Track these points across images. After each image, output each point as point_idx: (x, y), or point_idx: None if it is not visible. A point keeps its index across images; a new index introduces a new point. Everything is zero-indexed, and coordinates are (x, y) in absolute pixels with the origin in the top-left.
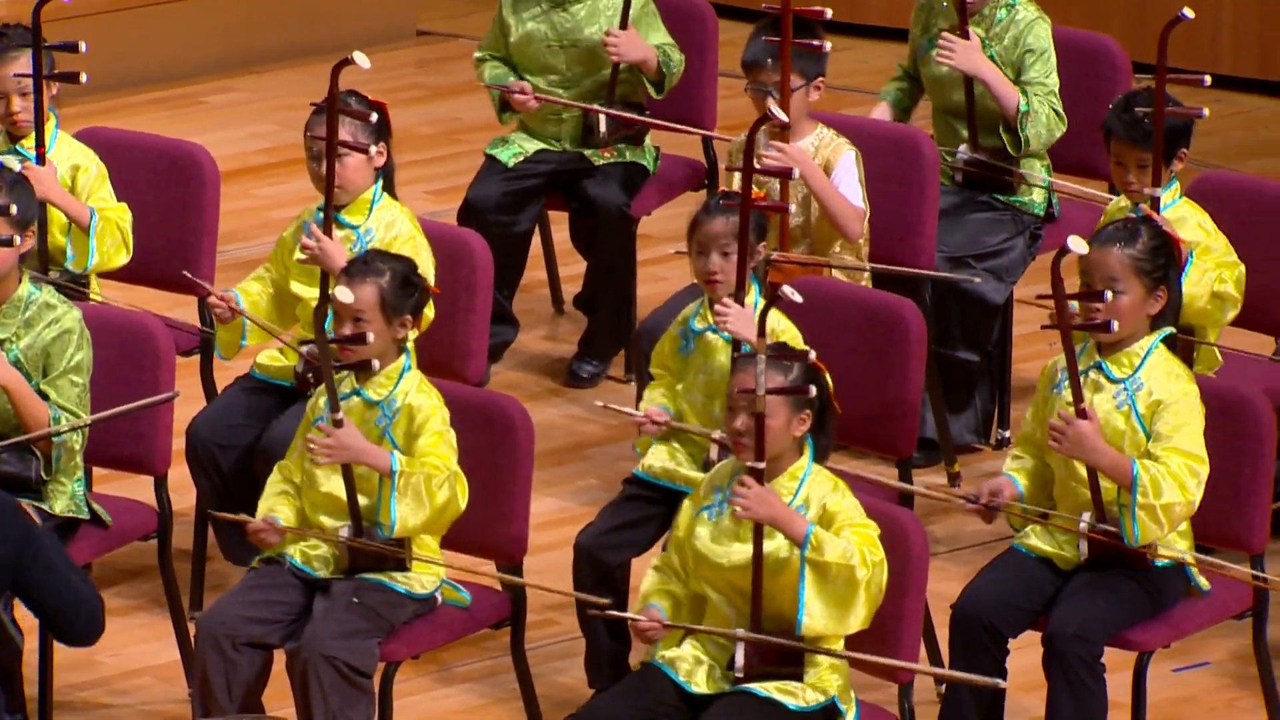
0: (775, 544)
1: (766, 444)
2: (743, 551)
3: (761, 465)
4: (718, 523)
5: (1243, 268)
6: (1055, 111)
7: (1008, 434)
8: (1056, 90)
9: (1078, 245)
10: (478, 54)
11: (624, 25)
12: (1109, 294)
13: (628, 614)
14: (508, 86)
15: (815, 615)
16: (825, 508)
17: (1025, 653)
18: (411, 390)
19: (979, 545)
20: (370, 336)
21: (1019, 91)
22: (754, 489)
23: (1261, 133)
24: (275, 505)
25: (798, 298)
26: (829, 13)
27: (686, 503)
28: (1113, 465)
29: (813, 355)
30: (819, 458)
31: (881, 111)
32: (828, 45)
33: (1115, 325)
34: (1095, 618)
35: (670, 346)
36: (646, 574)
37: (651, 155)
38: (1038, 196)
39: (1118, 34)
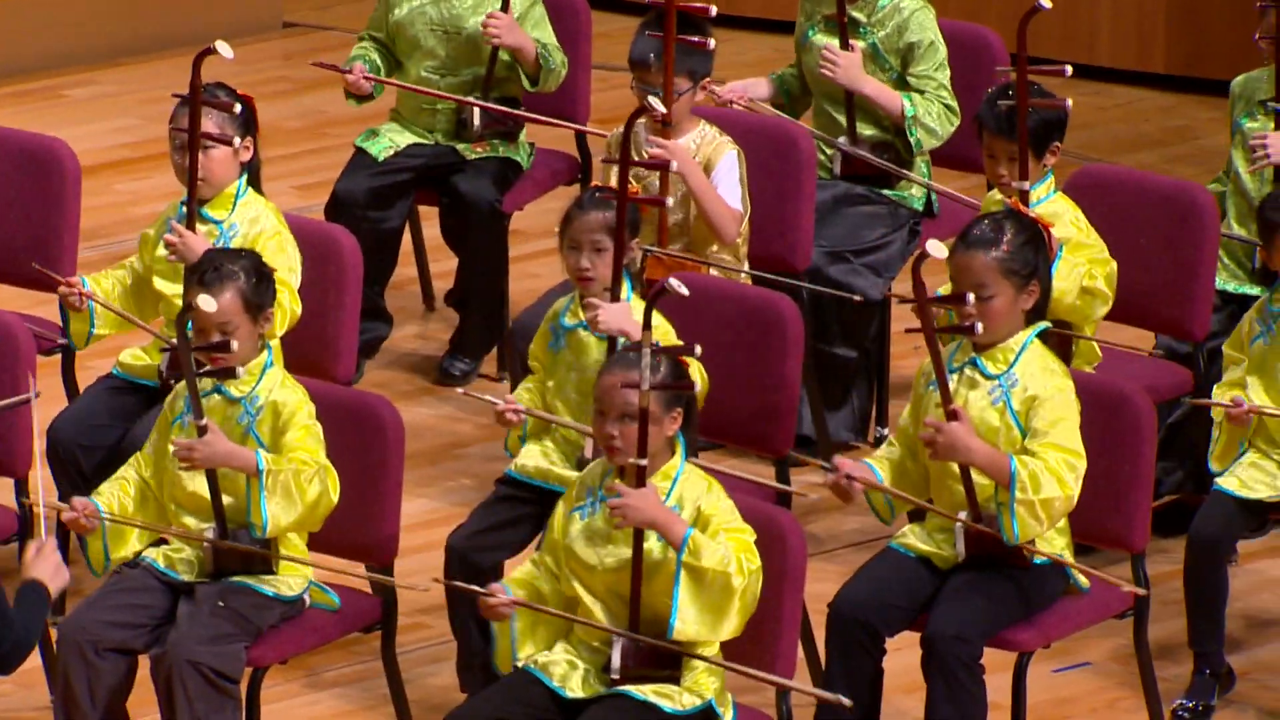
0: (649, 545)
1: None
2: (615, 554)
3: (644, 461)
4: (590, 524)
5: (1114, 264)
6: (946, 107)
7: (886, 431)
8: (947, 83)
9: (936, 250)
10: (361, 34)
11: (505, 9)
12: (971, 297)
13: (476, 588)
14: (337, 68)
15: (688, 621)
16: (700, 510)
17: (904, 653)
18: (275, 387)
19: (856, 544)
20: (235, 345)
21: (902, 96)
22: (632, 491)
23: (1140, 125)
24: (104, 490)
25: (684, 290)
26: (714, 9)
27: (561, 504)
28: (989, 463)
29: (699, 350)
30: (689, 454)
31: (758, 86)
32: (712, 43)
33: (980, 327)
34: (974, 618)
35: (541, 336)
36: (523, 564)
37: (526, 151)
38: (917, 191)
39: (995, 25)
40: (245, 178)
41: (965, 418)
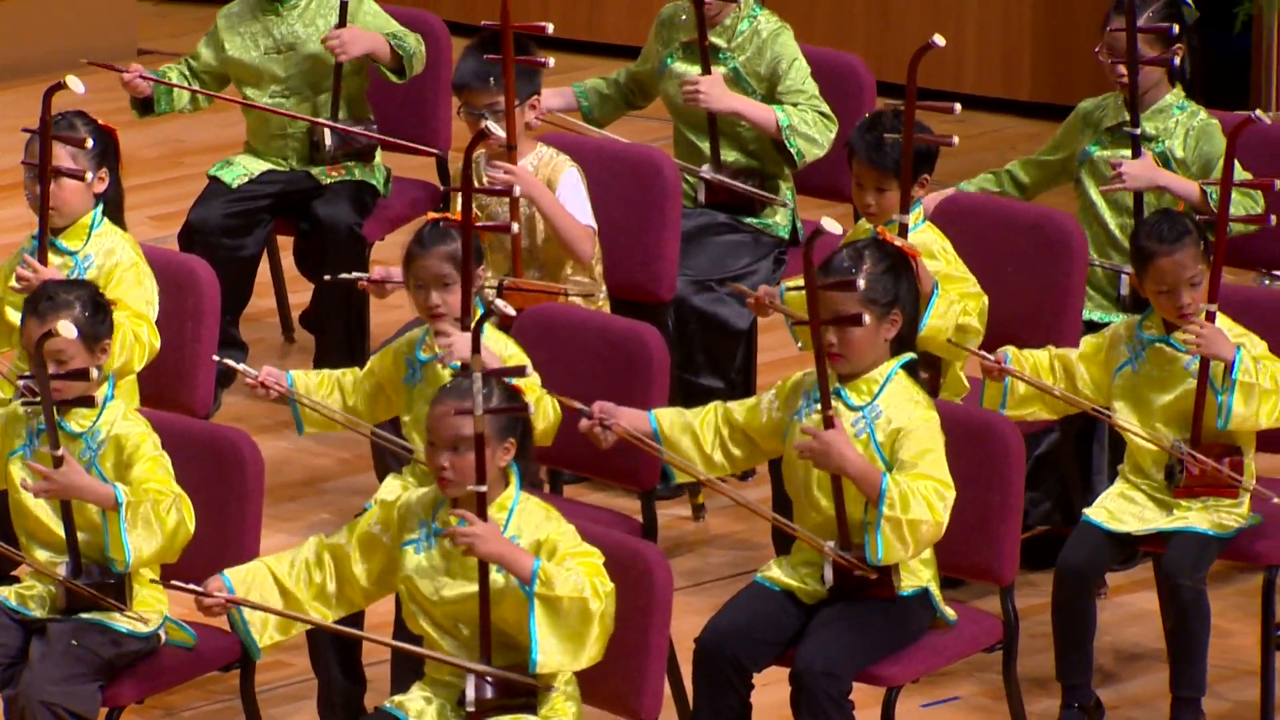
0: (491, 574)
1: (468, 475)
2: (454, 586)
3: (484, 488)
4: (427, 557)
5: (985, 299)
6: (821, 114)
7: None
8: (817, 93)
9: (831, 226)
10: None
11: (343, 23)
12: (861, 282)
13: (190, 586)
14: (114, 66)
15: (550, 652)
16: (543, 538)
17: (773, 689)
18: (116, 420)
19: (723, 579)
20: (94, 373)
21: (773, 109)
22: (478, 525)
23: (1006, 154)
24: None
25: (510, 310)
26: (550, 28)
27: (376, 512)
28: (862, 475)
29: (529, 370)
30: (524, 484)
31: (552, 97)
32: (550, 61)
33: (867, 318)
34: (842, 654)
35: (393, 367)
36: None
37: (382, 175)
38: (781, 219)
39: (862, 52)
40: (101, 208)
41: (841, 426)
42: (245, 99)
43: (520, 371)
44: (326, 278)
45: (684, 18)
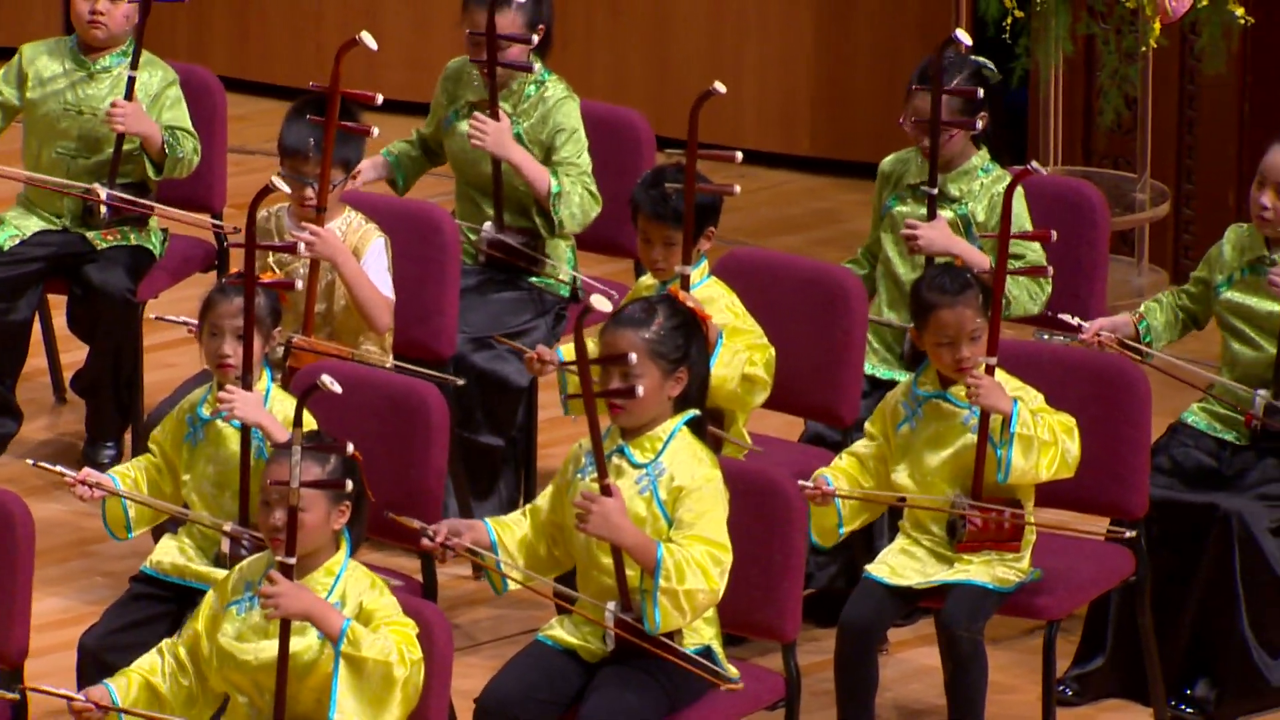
0: (305, 643)
1: (302, 538)
2: (271, 649)
3: (292, 561)
4: (246, 619)
5: (773, 351)
6: (589, 192)
7: None
8: (589, 170)
9: (600, 304)
10: None
11: (129, 96)
12: (633, 356)
13: (66, 691)
14: None
15: (348, 712)
16: (363, 605)
17: None
18: None
19: (504, 638)
20: None
21: (550, 173)
22: (284, 584)
23: (786, 208)
24: None
25: (336, 388)
26: (380, 98)
27: (211, 593)
28: (637, 546)
29: (351, 448)
30: (354, 550)
31: (374, 167)
32: (375, 130)
33: (641, 389)
34: (622, 713)
35: (175, 430)
36: (150, 652)
37: (158, 238)
38: (563, 275)
39: (640, 106)
40: None
41: (619, 495)
42: (31, 146)
43: (340, 448)
44: (156, 316)
45: (473, 73)
